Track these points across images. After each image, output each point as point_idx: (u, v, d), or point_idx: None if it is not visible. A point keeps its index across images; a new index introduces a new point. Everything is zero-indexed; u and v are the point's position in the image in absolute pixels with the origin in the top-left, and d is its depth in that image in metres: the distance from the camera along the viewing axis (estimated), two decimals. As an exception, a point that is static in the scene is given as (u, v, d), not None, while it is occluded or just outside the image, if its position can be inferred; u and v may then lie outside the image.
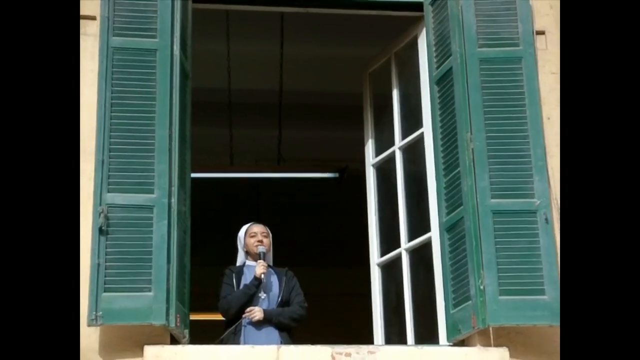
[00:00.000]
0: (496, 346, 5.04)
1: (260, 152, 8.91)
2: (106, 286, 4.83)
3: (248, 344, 5.27)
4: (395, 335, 5.93)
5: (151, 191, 5.02)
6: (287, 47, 7.36)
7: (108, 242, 4.89)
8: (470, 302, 5.04)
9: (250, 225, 5.80)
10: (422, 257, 5.74)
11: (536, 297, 4.98)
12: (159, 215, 4.98)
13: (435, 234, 5.56)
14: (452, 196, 5.31)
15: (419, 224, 5.79)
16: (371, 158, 6.31)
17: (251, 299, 5.52)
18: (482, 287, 4.99)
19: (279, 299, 5.58)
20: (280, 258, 5.86)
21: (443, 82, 5.52)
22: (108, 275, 4.85)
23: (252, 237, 5.72)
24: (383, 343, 5.92)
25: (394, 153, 6.06)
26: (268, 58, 7.48)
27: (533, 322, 4.99)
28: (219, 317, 5.65)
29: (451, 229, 5.29)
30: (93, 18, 5.37)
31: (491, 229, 5.09)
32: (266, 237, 5.73)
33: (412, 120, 5.98)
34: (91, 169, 5.04)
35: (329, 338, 5.26)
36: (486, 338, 5.06)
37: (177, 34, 5.31)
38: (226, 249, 6.09)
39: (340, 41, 7.17)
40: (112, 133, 5.06)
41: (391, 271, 5.99)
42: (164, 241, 4.95)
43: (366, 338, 6.01)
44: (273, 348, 5.03)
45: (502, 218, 5.11)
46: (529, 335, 5.06)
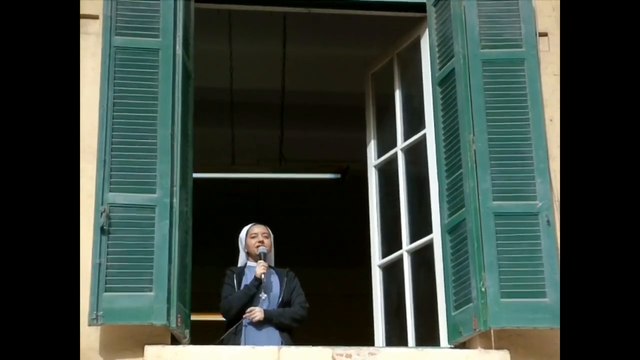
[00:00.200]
0: (497, 348, 5.04)
1: (262, 152, 8.90)
2: (107, 286, 4.83)
3: (249, 345, 5.26)
4: (396, 336, 5.92)
5: (153, 191, 5.02)
6: (290, 47, 7.35)
7: (109, 242, 4.89)
8: (471, 304, 5.03)
9: (251, 225, 5.79)
10: (424, 259, 5.73)
11: (537, 300, 4.98)
12: (161, 215, 4.98)
13: (436, 236, 5.55)
14: (454, 198, 5.31)
15: (421, 226, 5.78)
16: (373, 159, 6.30)
17: (252, 300, 5.51)
18: (484, 289, 4.98)
19: (280, 300, 5.57)
20: (281, 259, 5.85)
21: (445, 83, 5.52)
22: (109, 274, 4.85)
23: (253, 238, 5.71)
24: (384, 344, 5.91)
25: (396, 154, 6.05)
26: (270, 58, 7.47)
27: (534, 325, 4.98)
28: (220, 318, 5.64)
29: (453, 231, 5.29)
30: (95, 17, 5.37)
31: (493, 231, 5.08)
32: (267, 238, 5.71)
33: (415, 121, 5.98)
34: (91, 168, 5.04)
35: (330, 339, 5.26)
36: (487, 340, 5.06)
37: (180, 34, 5.31)
38: (227, 249, 6.08)
39: (342, 42, 7.15)
40: (114, 133, 5.06)
41: (392, 272, 5.98)
42: (166, 241, 4.94)
43: (367, 339, 5.99)
44: (274, 348, 5.02)
45: (504, 220, 5.11)
46: (530, 337, 5.05)
